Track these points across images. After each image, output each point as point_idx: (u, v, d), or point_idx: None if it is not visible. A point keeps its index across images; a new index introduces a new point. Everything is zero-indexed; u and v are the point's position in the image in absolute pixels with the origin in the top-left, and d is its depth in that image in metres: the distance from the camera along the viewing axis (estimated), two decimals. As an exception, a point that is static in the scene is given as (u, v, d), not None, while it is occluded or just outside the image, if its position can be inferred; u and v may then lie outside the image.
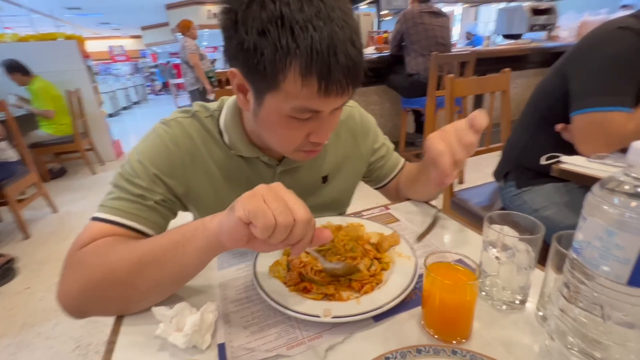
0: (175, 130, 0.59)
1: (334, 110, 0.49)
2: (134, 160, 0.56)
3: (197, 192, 0.61)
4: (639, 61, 0.86)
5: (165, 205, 0.58)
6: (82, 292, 0.45)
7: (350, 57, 0.41)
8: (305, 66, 0.40)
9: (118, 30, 12.69)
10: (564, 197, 1.05)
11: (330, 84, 0.42)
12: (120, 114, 8.40)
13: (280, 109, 0.46)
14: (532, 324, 0.42)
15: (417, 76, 2.44)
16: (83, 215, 2.58)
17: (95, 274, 0.45)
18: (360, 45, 0.44)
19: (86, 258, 0.47)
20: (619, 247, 0.25)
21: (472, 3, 6.28)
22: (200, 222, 0.44)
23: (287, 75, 0.42)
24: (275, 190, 0.38)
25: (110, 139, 4.00)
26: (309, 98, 0.43)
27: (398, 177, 0.80)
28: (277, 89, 0.44)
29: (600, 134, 0.90)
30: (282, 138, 0.52)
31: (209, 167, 0.61)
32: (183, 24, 3.71)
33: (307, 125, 0.49)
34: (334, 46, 0.40)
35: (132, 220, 0.53)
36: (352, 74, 0.43)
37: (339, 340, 0.40)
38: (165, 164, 0.57)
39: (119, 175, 0.56)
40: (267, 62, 0.41)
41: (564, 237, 0.38)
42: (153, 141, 0.58)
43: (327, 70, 0.41)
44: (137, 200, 0.54)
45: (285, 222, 0.36)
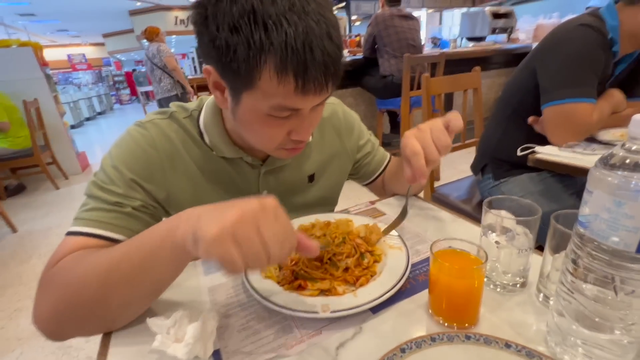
0: (151, 132, 0.56)
1: (314, 107, 0.47)
2: (108, 166, 0.52)
3: (179, 197, 0.58)
4: (599, 55, 0.93)
5: (146, 211, 0.54)
6: (53, 313, 0.41)
7: (328, 52, 0.40)
8: (280, 64, 0.39)
9: (78, 37, 12.08)
10: (538, 186, 1.10)
11: (307, 82, 0.40)
12: (84, 125, 7.97)
13: (258, 107, 0.44)
14: (534, 304, 0.42)
15: (391, 77, 2.50)
16: (47, 234, 2.40)
17: (63, 293, 0.41)
18: (339, 39, 0.42)
19: (55, 276, 0.43)
20: (628, 217, 0.26)
21: (436, 8, 6.56)
22: (166, 229, 0.38)
23: (262, 74, 0.40)
24: (252, 221, 0.32)
25: (74, 152, 3.76)
26: (287, 96, 0.42)
27: (384, 173, 0.80)
28: (253, 87, 0.42)
29: (569, 124, 0.95)
30: (262, 137, 0.50)
31: (190, 169, 0.58)
32: (150, 31, 3.58)
33: (288, 123, 0.48)
34: (310, 42, 0.38)
35: (108, 230, 0.49)
36: (330, 70, 0.41)
37: (349, 336, 0.39)
38: (143, 168, 0.53)
39: (92, 184, 0.52)
40: (240, 61, 0.39)
41: (561, 217, 0.39)
42: (128, 145, 0.54)
43: (304, 68, 0.39)
44: (114, 209, 0.50)
45: (258, 265, 0.33)
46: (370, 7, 5.64)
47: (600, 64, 0.93)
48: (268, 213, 0.34)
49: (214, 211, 0.35)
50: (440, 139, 0.51)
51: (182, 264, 0.41)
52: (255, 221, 0.32)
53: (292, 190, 0.68)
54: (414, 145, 0.50)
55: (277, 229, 0.34)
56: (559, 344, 0.34)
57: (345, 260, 0.49)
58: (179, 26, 9.34)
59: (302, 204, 0.70)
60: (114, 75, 13.28)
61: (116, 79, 13.32)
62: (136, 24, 9.13)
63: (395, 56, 2.45)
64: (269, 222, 0.33)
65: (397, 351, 0.34)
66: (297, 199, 0.69)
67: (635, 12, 0.91)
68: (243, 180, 0.62)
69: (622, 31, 0.94)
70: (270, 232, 0.33)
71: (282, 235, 0.34)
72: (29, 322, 1.55)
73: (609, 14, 0.95)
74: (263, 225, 0.33)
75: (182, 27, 9.35)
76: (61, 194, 3.22)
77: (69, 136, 3.69)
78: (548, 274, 0.41)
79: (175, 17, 9.20)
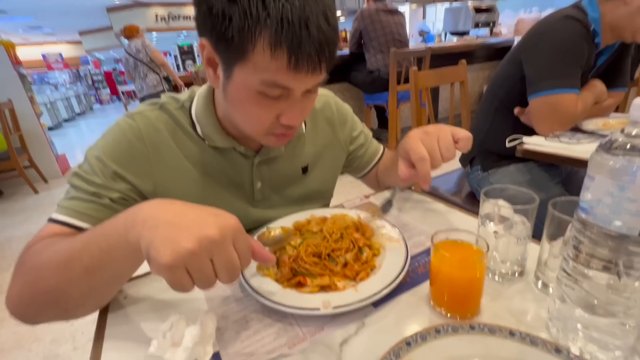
0: (139, 123, 0.55)
1: (306, 93, 0.47)
2: (92, 156, 0.52)
3: (168, 189, 0.56)
4: (582, 47, 0.95)
5: (125, 203, 0.52)
6: (19, 298, 0.42)
7: (323, 31, 0.40)
8: (274, 36, 0.39)
9: (52, 35, 11.60)
10: (525, 176, 1.12)
11: (300, 58, 0.40)
12: (63, 127, 7.69)
13: (249, 83, 0.44)
14: (533, 291, 0.43)
15: (378, 72, 2.50)
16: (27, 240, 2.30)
17: (28, 279, 0.41)
18: (335, 23, 0.42)
19: (24, 261, 0.44)
20: (631, 200, 0.26)
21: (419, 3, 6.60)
22: (123, 225, 0.36)
23: (256, 45, 0.40)
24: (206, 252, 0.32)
25: (54, 154, 3.62)
26: (279, 72, 0.41)
27: (378, 165, 0.80)
28: (246, 59, 0.41)
29: (555, 114, 0.97)
30: (251, 118, 0.49)
31: (180, 161, 0.57)
32: (129, 29, 3.47)
33: (278, 105, 0.47)
34: (306, 18, 0.38)
35: (83, 220, 0.49)
36: (323, 49, 0.41)
37: (352, 332, 0.38)
38: (127, 160, 0.53)
39: (75, 174, 0.52)
40: (235, 30, 0.39)
41: (558, 204, 0.40)
42: (114, 136, 0.54)
43: (298, 43, 0.39)
44: (91, 199, 0.50)
45: (205, 287, 0.34)
46: (354, 2, 5.62)
47: (584, 55, 0.95)
48: (225, 241, 0.33)
49: (171, 229, 0.32)
50: (449, 151, 0.50)
51: (138, 262, 0.39)
52: (209, 253, 0.32)
53: (286, 181, 0.67)
54: (422, 151, 0.49)
55: (229, 257, 0.34)
56: (561, 330, 0.35)
57: (343, 255, 0.48)
58: (160, 23, 9.08)
59: (297, 196, 0.69)
60: (92, 75, 12.85)
61: (95, 78, 12.89)
62: (114, 21, 8.82)
63: (382, 51, 2.45)
64: (223, 252, 0.33)
65: (403, 345, 0.33)
66: (292, 190, 0.68)
67: (616, 5, 0.94)
68: (236, 172, 0.61)
69: (603, 23, 0.96)
70: (221, 263, 0.33)
71: (233, 263, 0.34)
72: (11, 332, 1.49)
73: (591, 7, 0.97)
74: (216, 255, 0.33)
75: (163, 24, 9.10)
76: (41, 199, 3.10)
77: (47, 138, 3.55)
78: (546, 261, 0.42)
79: (155, 13, 8.94)
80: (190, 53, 7.70)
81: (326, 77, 0.47)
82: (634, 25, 0.93)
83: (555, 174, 1.11)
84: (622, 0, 0.92)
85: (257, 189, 0.63)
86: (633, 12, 0.92)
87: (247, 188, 0.63)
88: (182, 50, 7.69)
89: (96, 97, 12.79)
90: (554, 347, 0.32)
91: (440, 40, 4.11)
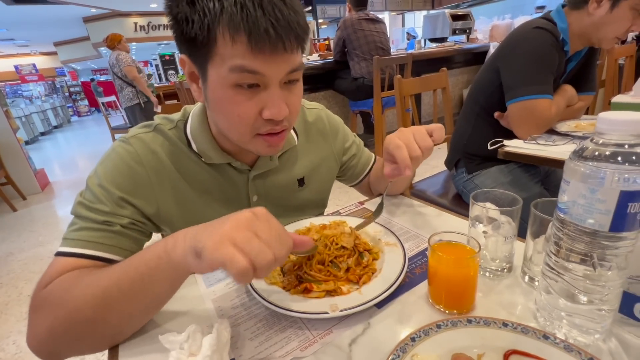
0: (136, 147, 0.55)
1: (286, 85, 0.48)
2: (95, 185, 0.52)
3: (168, 211, 0.58)
4: (553, 55, 1.02)
5: (135, 228, 0.54)
6: (50, 333, 0.42)
7: (279, 8, 0.42)
8: (231, 21, 0.41)
9: (26, 47, 11.24)
10: (507, 177, 1.18)
11: (259, 37, 0.41)
12: (39, 140, 7.44)
13: (222, 77, 0.45)
14: (521, 285, 0.47)
15: (362, 79, 2.56)
16: (7, 261, 2.22)
17: (60, 313, 0.41)
18: (293, 2, 0.44)
19: (49, 296, 0.44)
20: (601, 201, 0.30)
21: (398, 11, 6.80)
22: (163, 249, 0.39)
23: (218, 37, 0.42)
24: (247, 227, 0.35)
25: (32, 169, 3.50)
26: (243, 55, 0.43)
27: (370, 173, 0.83)
28: (213, 54, 0.44)
29: (531, 118, 1.04)
30: (233, 117, 0.48)
31: (178, 182, 0.58)
32: (111, 38, 3.43)
33: (257, 98, 0.47)
34: (260, 1, 0.41)
35: (98, 250, 0.49)
36: (282, 26, 0.42)
37: (359, 332, 0.41)
38: (129, 184, 0.53)
39: (79, 204, 0.52)
40: (197, 28, 0.42)
41: (539, 205, 0.44)
42: (114, 162, 0.54)
43: (254, 22, 0.41)
44: (102, 228, 0.50)
45: (264, 261, 0.33)
46: (335, 10, 5.74)
47: (555, 62, 1.03)
48: (261, 219, 0.36)
49: (209, 226, 0.37)
50: (423, 140, 0.54)
51: (179, 281, 0.42)
52: (250, 227, 0.35)
53: (282, 194, 0.69)
54: (397, 141, 0.54)
55: (272, 231, 0.36)
56: (547, 318, 0.38)
57: (346, 260, 0.51)
58: (139, 33, 8.96)
59: (293, 208, 0.71)
60: (69, 86, 12.47)
61: (72, 89, 12.53)
62: (92, 31, 8.66)
63: (365, 59, 2.52)
64: (263, 226, 0.36)
65: (408, 341, 0.36)
66: (288, 202, 0.70)
67: (581, 15, 1.02)
68: (232, 187, 0.63)
69: (571, 32, 1.04)
70: (266, 234, 0.35)
71: (278, 234, 0.36)
72: None
73: (559, 17, 1.05)
74: (259, 230, 0.35)
75: (143, 33, 8.98)
76: (20, 216, 2.99)
77: (24, 153, 3.43)
78: (531, 257, 0.46)
79: (134, 23, 8.82)
80: (172, 63, 7.61)
81: (301, 63, 0.48)
82: (598, 34, 1.02)
83: (534, 173, 1.18)
84: (586, 12, 1.00)
85: (254, 202, 0.65)
86: (596, 22, 1.00)
87: (244, 202, 0.65)
88: (164, 60, 7.59)
89: (74, 109, 12.42)
90: (542, 334, 0.35)
91: (420, 46, 4.24)
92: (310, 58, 3.20)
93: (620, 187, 0.29)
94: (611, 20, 0.98)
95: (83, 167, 4.73)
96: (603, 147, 0.31)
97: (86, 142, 6.91)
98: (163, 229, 0.60)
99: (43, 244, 2.44)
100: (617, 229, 0.30)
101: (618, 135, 0.30)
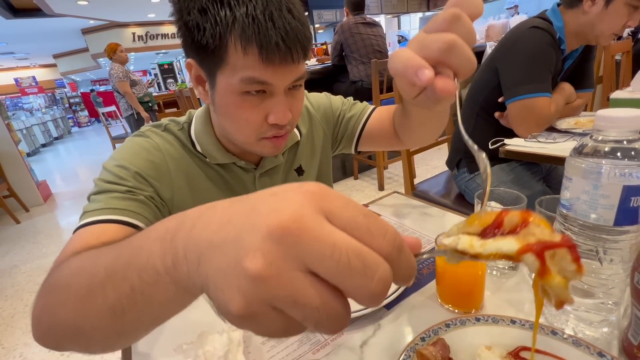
0: (154, 138, 0.57)
1: (290, 90, 0.49)
2: (113, 166, 0.51)
3: (183, 199, 0.58)
4: (551, 53, 1.03)
5: (155, 203, 0.53)
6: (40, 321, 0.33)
7: (287, 21, 0.43)
8: (243, 33, 0.42)
9: (25, 60, 11.33)
10: (509, 175, 1.19)
11: (270, 48, 0.43)
12: (40, 152, 7.47)
13: (231, 85, 0.46)
14: (527, 283, 0.47)
15: (361, 83, 2.58)
16: (12, 273, 2.22)
17: (47, 301, 0.33)
18: (299, 15, 0.45)
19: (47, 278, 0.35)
20: (605, 197, 0.30)
21: (394, 13, 6.85)
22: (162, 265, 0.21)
23: (229, 46, 0.43)
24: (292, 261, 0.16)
25: (34, 181, 3.52)
26: (254, 67, 0.44)
27: (375, 123, 0.70)
28: (224, 63, 0.45)
29: (531, 117, 1.05)
30: (240, 122, 0.50)
31: (191, 174, 0.59)
32: (109, 48, 3.48)
33: (263, 105, 0.48)
34: (270, 13, 0.42)
35: (125, 215, 0.46)
36: (291, 38, 0.43)
37: (370, 333, 0.42)
38: (149, 167, 0.54)
39: (98, 181, 0.50)
40: (209, 37, 0.43)
41: (543, 202, 0.44)
42: (132, 148, 0.55)
43: (265, 34, 0.42)
44: (127, 197, 0.49)
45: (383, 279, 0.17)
46: (331, 15, 5.78)
47: (552, 61, 1.04)
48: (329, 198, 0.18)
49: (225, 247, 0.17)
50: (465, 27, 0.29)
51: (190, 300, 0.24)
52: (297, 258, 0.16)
53: None
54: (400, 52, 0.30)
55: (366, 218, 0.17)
56: (555, 315, 0.39)
57: None
58: (138, 42, 9.03)
59: None
60: (69, 97, 12.57)
61: (72, 100, 12.61)
62: (90, 42, 8.73)
63: (363, 62, 2.54)
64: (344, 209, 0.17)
65: (418, 340, 0.37)
66: None
67: (577, 14, 1.03)
68: (239, 186, 0.64)
69: (567, 31, 1.05)
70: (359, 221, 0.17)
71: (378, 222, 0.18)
72: None
73: (554, 16, 1.06)
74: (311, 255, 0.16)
75: (141, 43, 9.05)
76: (23, 229, 3.00)
77: (26, 166, 3.45)
78: (536, 254, 0.46)
79: (132, 33, 8.89)
80: (171, 72, 7.67)
81: (305, 72, 0.49)
82: (594, 31, 1.03)
83: (536, 171, 1.18)
84: (581, 10, 1.02)
85: None
86: (592, 19, 1.01)
87: None
88: (163, 69, 7.64)
89: (74, 120, 12.49)
90: (550, 330, 0.36)
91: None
92: (309, 63, 3.23)
93: (622, 182, 0.30)
94: (606, 17, 0.99)
95: (85, 177, 4.75)
96: (602, 143, 0.31)
97: (87, 152, 6.94)
98: None
99: (47, 256, 2.44)
100: (621, 223, 0.31)
101: (616, 132, 0.31)
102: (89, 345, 0.31)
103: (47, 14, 6.12)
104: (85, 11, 6.40)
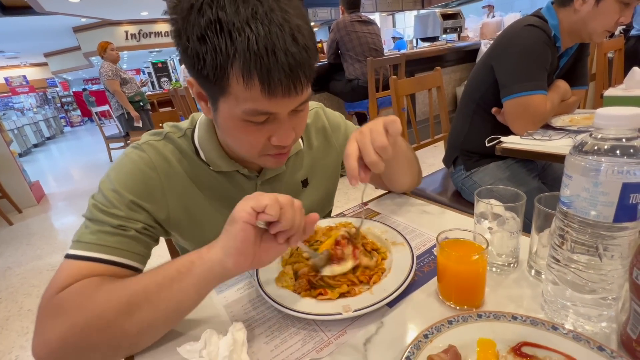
0: (149, 153, 0.56)
1: (294, 112, 0.48)
2: (107, 189, 0.53)
3: (179, 217, 0.59)
4: (546, 51, 1.04)
5: (147, 233, 0.54)
6: (63, 341, 0.40)
7: (292, 54, 0.40)
8: (244, 68, 0.40)
9: (16, 58, 11.14)
10: (505, 173, 1.20)
11: (272, 84, 0.41)
12: (32, 153, 7.37)
13: (234, 113, 0.46)
14: (527, 279, 0.48)
15: (357, 81, 2.58)
16: (6, 275, 2.19)
17: (79, 319, 0.41)
18: (306, 41, 0.42)
19: (67, 302, 0.43)
20: (604, 194, 0.31)
21: (389, 11, 6.85)
22: (196, 255, 0.43)
23: (231, 79, 0.42)
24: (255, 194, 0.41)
25: (27, 182, 3.47)
26: (256, 100, 0.43)
27: None
28: (226, 93, 0.44)
29: (527, 114, 1.06)
30: (242, 143, 0.51)
31: (188, 188, 0.59)
32: (99, 47, 3.45)
33: (266, 128, 0.48)
34: (272, 45, 0.40)
35: (115, 254, 0.49)
36: (295, 72, 0.41)
37: (373, 331, 0.42)
38: (142, 189, 0.54)
39: (93, 207, 0.52)
40: (209, 68, 0.41)
41: (542, 199, 0.45)
42: (127, 167, 0.55)
43: (267, 70, 0.40)
44: (117, 232, 0.50)
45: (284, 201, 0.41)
46: (326, 13, 5.77)
47: (547, 59, 1.05)
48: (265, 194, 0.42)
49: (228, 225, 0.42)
50: (376, 140, 0.48)
51: (213, 284, 0.43)
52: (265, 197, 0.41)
53: None
54: (349, 147, 0.49)
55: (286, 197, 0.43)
56: (555, 310, 0.40)
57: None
58: (131, 41, 8.91)
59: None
60: (61, 97, 12.39)
61: (64, 100, 12.44)
62: (82, 40, 8.60)
63: (359, 60, 2.54)
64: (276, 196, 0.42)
65: (421, 338, 0.37)
66: None
67: (569, 12, 1.04)
68: (241, 193, 0.63)
69: (562, 28, 1.06)
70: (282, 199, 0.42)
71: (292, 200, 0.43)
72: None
73: (549, 14, 1.07)
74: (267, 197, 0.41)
75: (134, 41, 8.94)
76: (16, 230, 2.96)
77: (18, 166, 3.40)
78: (536, 251, 0.47)
79: (125, 31, 8.77)
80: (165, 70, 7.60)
81: (311, 93, 0.48)
82: (587, 28, 1.04)
83: (532, 168, 1.20)
84: (573, 8, 1.03)
85: None
86: (584, 17, 1.02)
87: None
88: (156, 67, 7.57)
89: (66, 120, 12.33)
90: (550, 325, 0.36)
91: (412, 46, 4.28)
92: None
93: (622, 179, 0.30)
94: (598, 15, 1.00)
95: (78, 178, 4.70)
96: (602, 141, 0.32)
97: (80, 153, 6.85)
98: (172, 234, 0.61)
99: (41, 257, 2.41)
100: (621, 219, 0.31)
101: (616, 130, 0.31)
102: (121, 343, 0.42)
103: (37, 11, 6.01)
104: (76, 9, 6.30)
